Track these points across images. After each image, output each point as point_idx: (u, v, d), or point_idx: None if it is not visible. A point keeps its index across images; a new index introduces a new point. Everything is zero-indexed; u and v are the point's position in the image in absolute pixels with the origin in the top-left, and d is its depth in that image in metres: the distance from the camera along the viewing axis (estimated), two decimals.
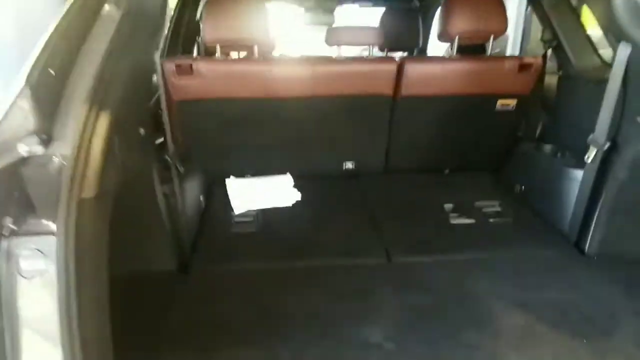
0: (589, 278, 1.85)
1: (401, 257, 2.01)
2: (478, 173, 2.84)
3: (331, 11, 4.60)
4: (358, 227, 2.24)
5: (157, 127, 2.64)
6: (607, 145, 1.89)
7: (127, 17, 1.43)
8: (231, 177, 2.63)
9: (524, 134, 2.86)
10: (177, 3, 3.25)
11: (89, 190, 1.16)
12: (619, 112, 1.88)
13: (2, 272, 1.04)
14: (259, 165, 2.74)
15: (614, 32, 1.81)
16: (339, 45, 2.56)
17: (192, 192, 2.33)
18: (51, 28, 1.38)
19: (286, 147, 2.70)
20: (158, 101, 2.57)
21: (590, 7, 1.98)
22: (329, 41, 2.58)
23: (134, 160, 1.58)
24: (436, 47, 3.13)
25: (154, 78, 1.79)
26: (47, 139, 1.14)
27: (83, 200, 1.13)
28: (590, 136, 1.92)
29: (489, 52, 2.63)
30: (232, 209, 2.39)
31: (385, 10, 3.66)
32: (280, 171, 2.73)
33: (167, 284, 1.81)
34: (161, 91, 1.86)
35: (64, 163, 1.12)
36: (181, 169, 1.97)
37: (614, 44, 1.83)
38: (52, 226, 1.08)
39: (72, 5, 1.43)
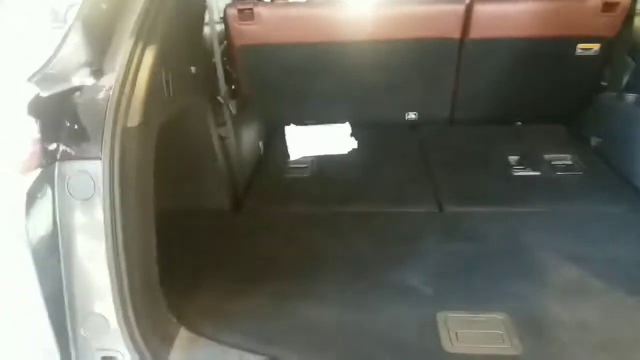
0: None
1: (454, 206, 1.95)
2: (553, 125, 2.63)
3: None
4: (412, 177, 2.19)
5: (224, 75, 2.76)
6: None
7: None
8: (291, 124, 2.66)
9: (608, 83, 2.58)
10: None
11: (134, 119, 1.23)
12: None
13: (56, 193, 1.16)
14: (320, 113, 2.74)
15: None
16: None
17: (250, 137, 2.41)
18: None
19: (348, 95, 2.68)
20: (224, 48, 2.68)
21: None
22: None
23: (184, 96, 1.65)
24: None
25: (206, 18, 1.82)
26: (97, 71, 1.23)
27: (127, 129, 1.20)
28: None
29: None
30: (288, 155, 2.43)
31: None
32: (342, 119, 2.72)
33: (218, 220, 1.91)
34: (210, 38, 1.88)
35: (110, 93, 1.19)
36: (234, 111, 2.01)
37: None
38: (99, 152, 1.17)
39: None
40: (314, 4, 2.40)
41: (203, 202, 1.95)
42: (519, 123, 2.75)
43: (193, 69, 1.70)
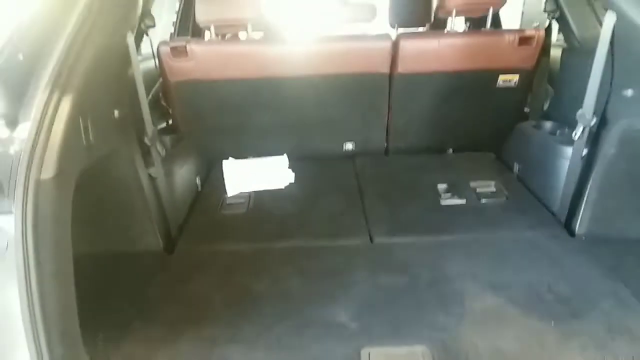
0: (572, 259, 1.78)
1: (384, 238, 2.01)
2: (483, 153, 2.77)
3: None
4: (346, 209, 2.25)
5: (160, 111, 2.75)
6: (595, 121, 1.80)
7: None
8: (230, 158, 2.68)
9: (530, 110, 2.75)
10: None
11: (48, 170, 1.22)
12: (607, 86, 1.78)
13: None
14: (259, 147, 2.77)
15: (602, 1, 1.71)
16: (333, 22, 2.54)
17: (187, 173, 2.40)
18: (23, 11, 1.45)
19: (285, 128, 2.73)
20: (158, 85, 2.68)
21: None
22: (324, 17, 2.56)
23: (107, 140, 1.64)
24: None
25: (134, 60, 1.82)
26: (12, 122, 1.22)
27: (41, 181, 1.19)
28: (579, 111, 1.83)
29: (488, 25, 2.54)
30: (226, 191, 2.44)
31: None
32: (281, 152, 2.76)
33: (149, 263, 1.89)
34: (135, 74, 1.87)
35: (24, 145, 1.18)
36: (162, 153, 2.01)
37: (600, 13, 1.73)
38: (12, 205, 1.16)
39: None
40: (248, 41, 2.44)
41: (134, 245, 1.93)
42: (451, 151, 2.88)
43: (117, 112, 1.70)
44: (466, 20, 2.45)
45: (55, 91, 1.24)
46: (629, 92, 1.68)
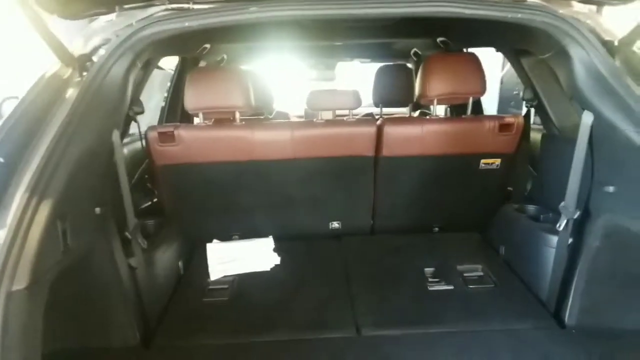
0: (561, 354, 1.74)
1: (371, 330, 1.95)
2: (468, 233, 2.77)
3: (332, 68, 4.74)
4: (332, 296, 2.19)
5: (145, 191, 2.74)
6: (578, 214, 1.83)
7: (84, 98, 1.49)
8: (214, 240, 2.64)
9: (514, 192, 2.79)
10: (174, 72, 3.42)
11: (21, 280, 1.18)
12: (588, 180, 1.82)
13: None
14: (244, 228, 2.75)
15: (577, 100, 1.78)
16: (319, 110, 2.60)
17: (169, 257, 2.35)
18: (9, 112, 1.46)
19: (271, 209, 2.72)
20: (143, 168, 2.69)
21: (556, 72, 1.95)
22: (310, 105, 2.63)
23: (86, 238, 1.61)
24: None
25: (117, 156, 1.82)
26: None
27: (12, 293, 1.15)
28: (562, 203, 1.86)
29: (468, 112, 2.63)
30: (209, 275, 2.38)
31: (380, 67, 3.72)
32: (266, 232, 2.74)
33: None
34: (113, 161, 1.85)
35: None
36: (144, 244, 1.98)
37: (579, 110, 1.80)
38: None
39: (32, 88, 1.51)
40: (235, 125, 2.48)
41: (110, 341, 1.85)
42: (436, 229, 2.88)
43: (98, 209, 1.68)
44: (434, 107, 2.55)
45: (34, 196, 1.22)
46: (610, 189, 1.71)
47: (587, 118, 1.73)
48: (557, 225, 1.87)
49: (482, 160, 2.61)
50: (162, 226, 2.43)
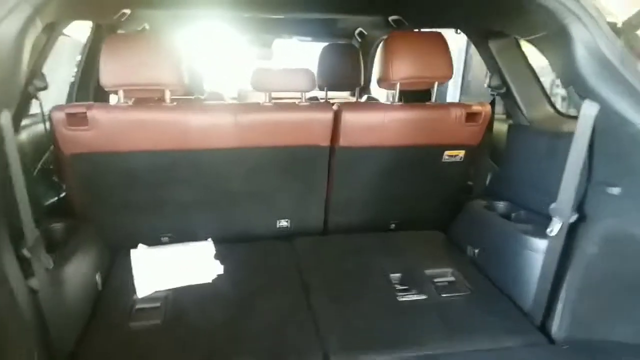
0: None
1: (342, 357, 1.63)
2: (430, 232, 2.54)
3: (268, 45, 4.33)
4: (291, 313, 1.85)
5: (49, 186, 2.21)
6: (575, 217, 1.63)
7: None
8: (140, 246, 2.19)
9: (473, 184, 2.62)
10: (87, 42, 2.86)
11: None
12: (585, 179, 1.63)
13: None
14: (176, 228, 2.32)
15: (577, 88, 1.56)
16: (266, 91, 2.22)
17: (83, 271, 1.87)
18: None
19: (209, 205, 2.32)
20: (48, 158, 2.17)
21: (546, 56, 1.73)
22: (255, 85, 2.24)
23: None
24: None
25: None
26: None
27: None
28: (553, 205, 1.65)
29: (433, 98, 2.38)
30: (135, 291, 1.94)
31: (325, 47, 3.39)
32: (203, 234, 2.32)
33: None
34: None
35: None
36: (49, 264, 1.51)
37: (576, 100, 1.58)
38: None
39: None
40: (164, 107, 2.04)
41: None
42: (393, 226, 2.63)
43: None
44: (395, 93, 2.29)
45: None
46: (615, 190, 1.52)
47: (590, 108, 1.52)
48: (549, 229, 1.66)
49: (446, 152, 2.39)
50: (73, 231, 1.94)
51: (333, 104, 2.28)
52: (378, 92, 4.28)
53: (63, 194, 2.22)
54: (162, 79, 1.96)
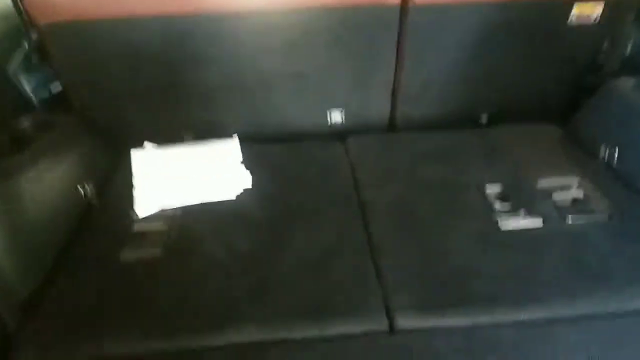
0: None
1: (412, 320, 1.10)
2: (541, 127, 1.86)
3: None
4: (341, 245, 1.30)
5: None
6: None
7: None
8: (145, 144, 1.67)
9: (605, 62, 1.86)
10: None
11: None
12: None
13: None
14: (192, 124, 1.83)
15: None
16: None
17: (67, 179, 1.41)
18: None
19: (235, 93, 1.80)
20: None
21: None
22: None
23: None
24: None
25: None
26: None
27: None
28: None
29: None
30: (134, 209, 1.44)
31: None
32: (227, 132, 1.77)
33: None
34: None
35: None
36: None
37: None
38: None
39: None
40: None
41: None
42: (485, 120, 1.96)
43: None
44: None
45: None
46: None
47: None
48: None
49: (576, 7, 1.62)
50: (49, 125, 1.46)
51: None
52: None
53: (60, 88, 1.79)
54: None
